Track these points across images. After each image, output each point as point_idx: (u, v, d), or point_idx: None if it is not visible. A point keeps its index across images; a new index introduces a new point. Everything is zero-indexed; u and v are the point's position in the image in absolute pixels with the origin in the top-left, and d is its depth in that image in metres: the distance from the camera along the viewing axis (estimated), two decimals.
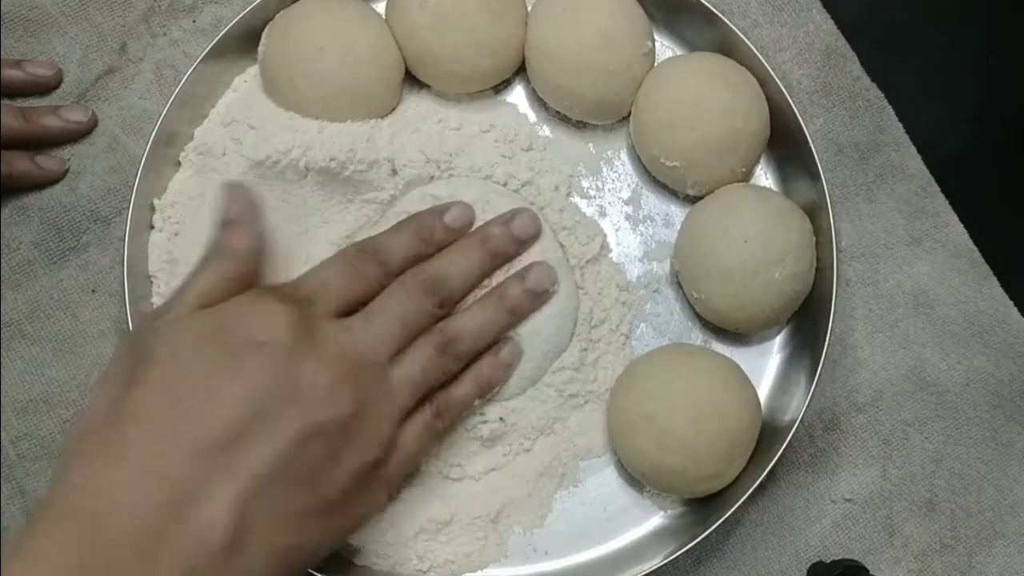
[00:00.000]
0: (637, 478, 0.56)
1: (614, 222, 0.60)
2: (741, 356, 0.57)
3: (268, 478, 0.41)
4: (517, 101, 0.60)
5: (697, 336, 0.59)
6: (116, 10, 0.61)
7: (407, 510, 0.54)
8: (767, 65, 0.57)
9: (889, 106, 0.62)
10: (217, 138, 0.56)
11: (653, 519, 0.57)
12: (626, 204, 0.60)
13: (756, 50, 0.57)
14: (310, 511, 0.43)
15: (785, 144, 0.58)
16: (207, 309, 0.44)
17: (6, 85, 0.58)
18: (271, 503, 0.41)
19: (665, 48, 0.61)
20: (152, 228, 0.57)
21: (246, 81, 0.59)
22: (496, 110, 0.60)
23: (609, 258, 0.59)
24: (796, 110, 0.56)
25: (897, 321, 0.61)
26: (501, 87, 0.60)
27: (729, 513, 0.53)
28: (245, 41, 0.58)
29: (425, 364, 0.49)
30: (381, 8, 0.59)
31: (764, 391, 0.58)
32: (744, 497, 0.53)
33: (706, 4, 0.57)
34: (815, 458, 0.60)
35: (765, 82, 0.57)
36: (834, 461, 0.60)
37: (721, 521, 0.53)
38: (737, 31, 0.57)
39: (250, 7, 0.57)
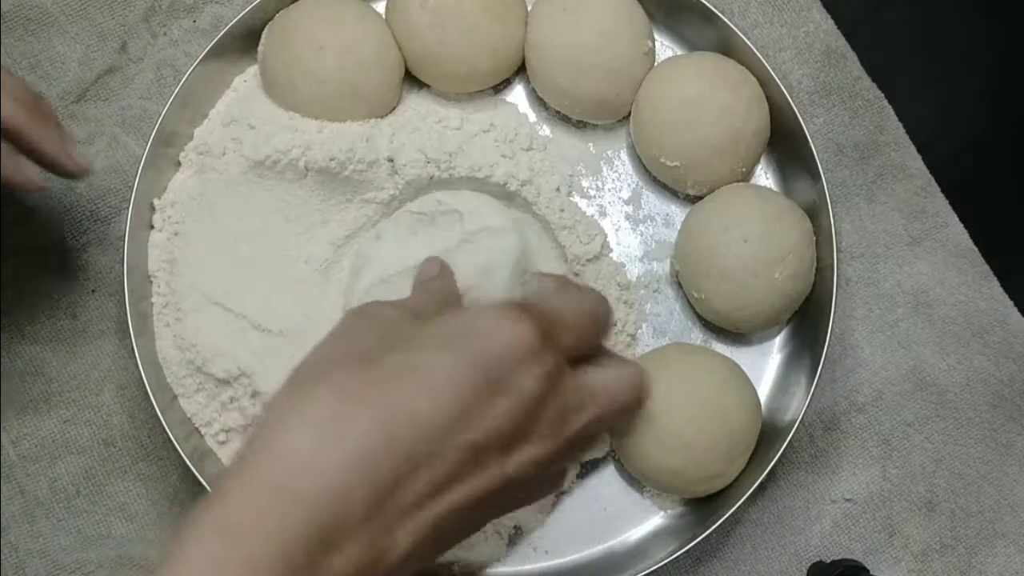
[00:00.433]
0: (637, 478, 0.56)
1: (614, 222, 0.60)
2: (741, 356, 0.57)
3: (462, 510, 0.38)
4: (517, 101, 0.60)
5: (697, 336, 0.59)
6: (116, 10, 0.61)
7: None
8: (767, 65, 0.57)
9: (889, 106, 0.62)
10: (217, 138, 0.56)
11: (653, 519, 0.57)
12: (626, 204, 0.60)
13: (756, 50, 0.57)
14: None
15: (785, 144, 0.58)
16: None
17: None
18: (456, 529, 0.40)
19: (665, 48, 0.61)
20: (152, 228, 0.57)
21: (246, 81, 0.59)
22: (496, 110, 0.60)
23: (610, 257, 0.59)
24: (796, 110, 0.56)
25: (897, 321, 0.61)
26: (501, 87, 0.60)
27: (729, 513, 0.53)
28: (245, 41, 0.58)
29: None
30: (381, 8, 0.59)
31: (764, 391, 0.58)
32: (744, 497, 0.53)
33: (706, 4, 0.57)
34: (815, 458, 0.60)
35: (765, 82, 0.57)
36: (834, 461, 0.60)
37: (721, 521, 0.53)
38: (737, 31, 0.57)
39: (250, 7, 0.57)
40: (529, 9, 0.58)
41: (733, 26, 0.57)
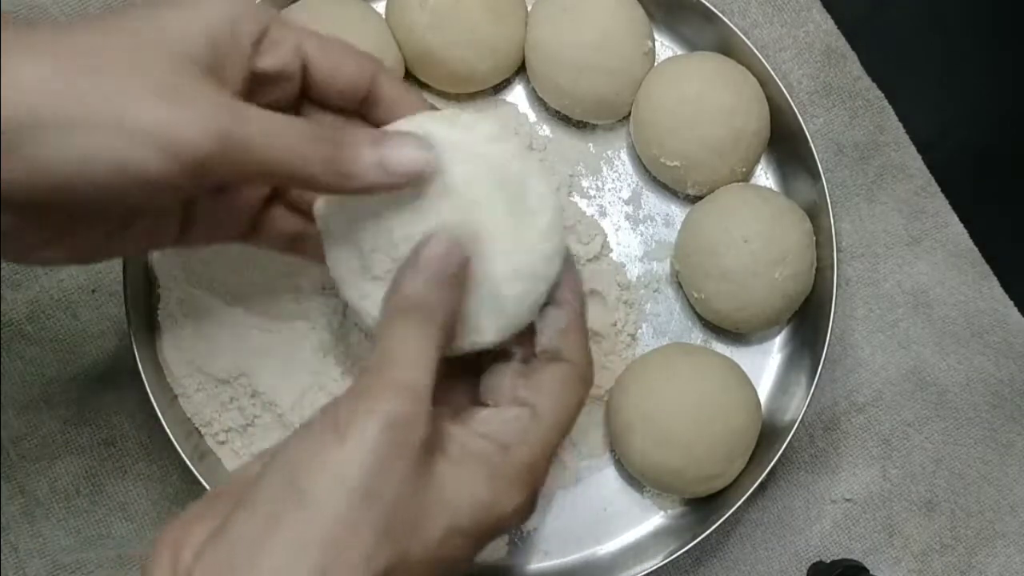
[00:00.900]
0: (637, 478, 0.56)
1: (614, 222, 0.60)
2: (741, 356, 0.57)
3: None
4: (517, 101, 0.60)
5: (697, 336, 0.59)
6: (116, 9, 0.61)
7: None
8: (767, 65, 0.57)
9: (889, 106, 0.62)
10: None
11: (653, 519, 0.57)
12: (626, 204, 0.60)
13: (756, 50, 0.57)
14: None
15: (785, 144, 0.58)
16: None
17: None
18: None
19: (665, 48, 0.61)
20: None
21: None
22: (496, 110, 0.60)
23: (610, 257, 0.59)
24: (796, 110, 0.56)
25: (897, 321, 0.61)
26: (501, 87, 0.60)
27: (729, 513, 0.53)
28: None
29: None
30: (381, 8, 0.59)
31: (764, 391, 0.58)
32: (744, 497, 0.53)
33: (706, 4, 0.57)
34: (815, 458, 0.60)
35: (765, 82, 0.57)
36: (834, 461, 0.60)
37: (721, 521, 0.53)
38: (737, 31, 0.57)
39: None
40: (529, 9, 0.58)
41: (733, 26, 0.57)
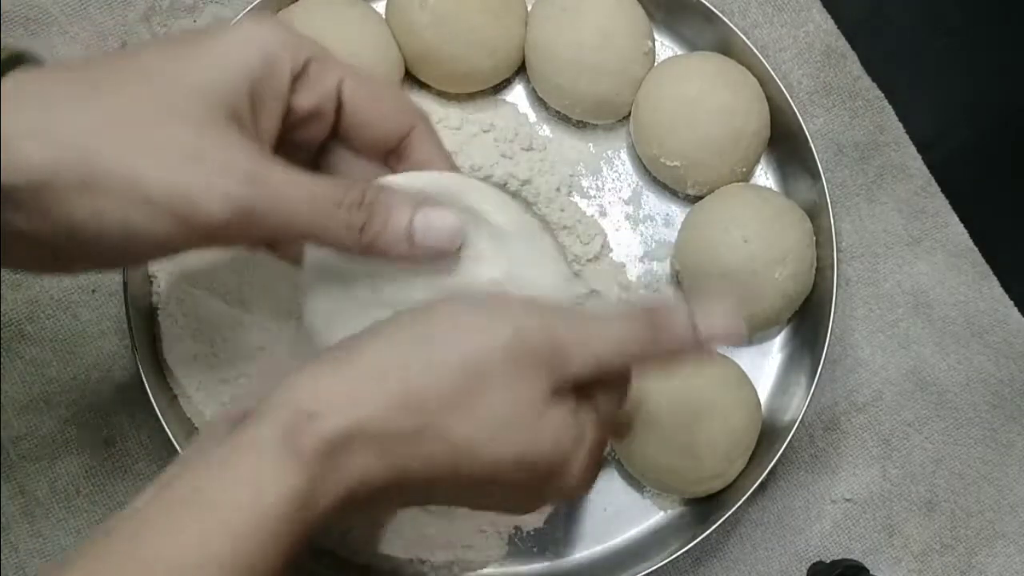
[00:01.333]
0: (637, 478, 0.56)
1: (614, 222, 0.60)
2: (741, 356, 0.57)
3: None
4: (517, 101, 0.60)
5: None
6: (116, 9, 0.61)
7: (407, 510, 0.54)
8: (767, 65, 0.57)
9: (889, 106, 0.62)
10: None
11: (653, 519, 0.57)
12: (626, 204, 0.60)
13: (756, 50, 0.57)
14: None
15: (785, 144, 0.58)
16: None
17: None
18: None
19: (665, 48, 0.61)
20: None
21: None
22: (496, 110, 0.60)
23: (610, 257, 0.59)
24: (796, 110, 0.56)
25: (897, 321, 0.61)
26: (501, 87, 0.60)
27: (729, 513, 0.53)
28: None
29: None
30: (381, 8, 0.59)
31: (764, 391, 0.58)
32: (744, 497, 0.53)
33: (706, 4, 0.57)
34: (815, 458, 0.60)
35: (765, 82, 0.57)
36: (834, 461, 0.60)
37: (721, 521, 0.53)
38: (737, 31, 0.57)
39: (250, 7, 0.57)
40: (529, 9, 0.58)
41: (733, 26, 0.57)
